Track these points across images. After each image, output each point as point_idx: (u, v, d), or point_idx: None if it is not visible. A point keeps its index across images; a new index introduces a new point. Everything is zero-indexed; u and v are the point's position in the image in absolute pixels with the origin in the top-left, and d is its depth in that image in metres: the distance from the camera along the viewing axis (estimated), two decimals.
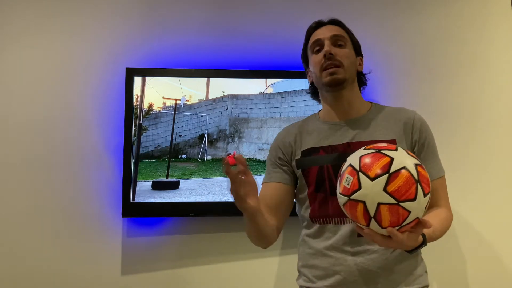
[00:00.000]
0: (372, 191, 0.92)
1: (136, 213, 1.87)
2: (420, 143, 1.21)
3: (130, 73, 1.90)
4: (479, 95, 1.99)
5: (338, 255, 1.18)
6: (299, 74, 1.92)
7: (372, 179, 0.92)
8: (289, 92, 1.94)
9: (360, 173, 0.94)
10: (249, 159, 1.92)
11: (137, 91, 1.91)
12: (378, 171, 0.92)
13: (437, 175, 1.21)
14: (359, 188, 0.93)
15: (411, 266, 1.19)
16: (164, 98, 1.93)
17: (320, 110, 1.36)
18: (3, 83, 1.97)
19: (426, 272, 1.24)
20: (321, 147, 1.25)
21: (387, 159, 0.94)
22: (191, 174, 1.91)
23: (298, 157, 1.28)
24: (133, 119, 1.88)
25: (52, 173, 1.92)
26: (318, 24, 1.29)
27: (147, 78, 1.91)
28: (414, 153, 1.20)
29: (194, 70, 1.93)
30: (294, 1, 2.06)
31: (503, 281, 1.86)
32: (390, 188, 0.91)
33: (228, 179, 1.05)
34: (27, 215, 1.89)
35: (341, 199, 0.99)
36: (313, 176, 1.23)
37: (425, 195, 0.94)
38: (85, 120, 1.96)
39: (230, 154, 1.05)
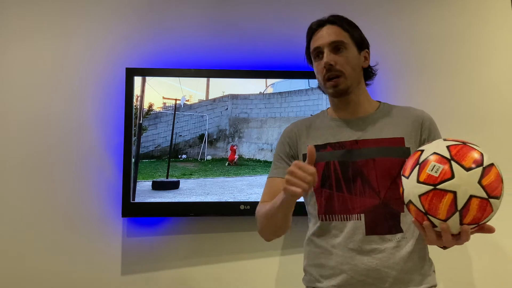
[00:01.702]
0: (467, 182, 0.87)
1: (136, 213, 1.87)
2: (430, 141, 1.22)
3: (130, 73, 1.90)
4: (479, 94, 1.99)
5: (346, 254, 1.17)
6: (299, 74, 1.92)
7: (468, 169, 0.87)
8: (289, 92, 1.94)
9: (453, 162, 0.88)
10: (249, 159, 1.92)
11: (137, 91, 1.91)
12: (473, 162, 0.88)
13: None
14: (452, 177, 0.87)
15: (418, 265, 1.18)
16: (164, 98, 1.93)
17: (328, 108, 1.37)
18: (3, 83, 1.97)
19: (434, 271, 1.24)
20: (328, 144, 1.25)
21: (478, 152, 0.91)
22: (191, 174, 1.91)
23: (305, 151, 1.27)
24: (133, 119, 1.88)
25: (52, 173, 1.92)
26: (318, 24, 1.27)
27: (147, 78, 1.92)
28: None
29: (194, 70, 1.93)
30: (294, 1, 2.06)
31: (509, 279, 1.86)
32: (485, 182, 0.87)
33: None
34: (27, 215, 1.89)
35: (420, 188, 0.91)
36: (319, 172, 1.22)
37: (502, 196, 0.91)
38: (85, 120, 1.96)
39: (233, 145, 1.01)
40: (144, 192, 1.87)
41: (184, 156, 1.93)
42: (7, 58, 1.98)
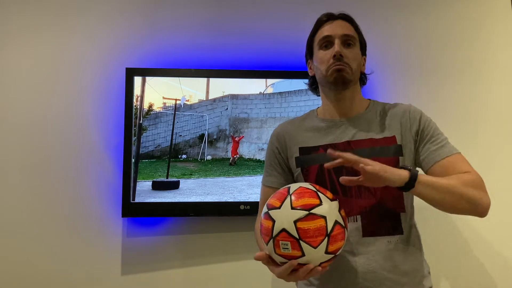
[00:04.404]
0: (316, 257, 0.96)
1: (136, 213, 1.87)
2: (421, 129, 1.21)
3: (130, 73, 1.90)
4: (478, 95, 1.99)
5: (341, 256, 1.16)
6: (299, 74, 1.92)
7: (316, 247, 0.94)
8: (289, 92, 1.94)
9: (301, 241, 0.94)
10: (249, 159, 1.92)
11: (137, 91, 1.91)
12: (319, 238, 0.94)
13: (449, 152, 1.16)
14: (302, 255, 0.95)
15: (414, 267, 1.17)
16: (164, 98, 1.93)
17: (318, 108, 1.35)
18: (3, 82, 1.97)
19: (429, 273, 1.23)
20: (321, 146, 1.24)
21: (321, 221, 0.95)
22: (191, 174, 1.91)
23: (297, 154, 1.27)
24: (133, 119, 1.88)
25: (52, 173, 1.92)
26: (329, 17, 1.27)
27: (147, 78, 1.91)
28: (417, 141, 1.19)
29: (194, 70, 1.93)
30: (294, 1, 2.06)
31: (508, 280, 1.87)
32: (331, 249, 0.97)
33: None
34: (27, 215, 1.89)
35: (277, 258, 0.99)
36: (313, 175, 1.22)
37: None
38: (85, 120, 1.96)
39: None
40: (144, 192, 1.87)
41: (184, 156, 1.93)
42: (6, 57, 1.98)
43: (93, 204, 1.91)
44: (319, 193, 0.99)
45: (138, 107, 1.91)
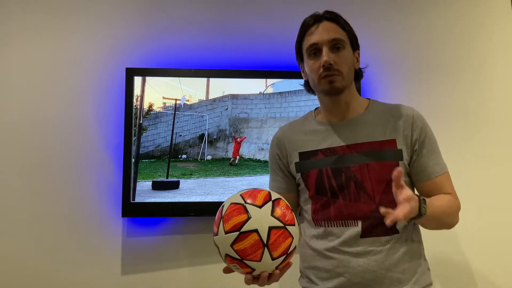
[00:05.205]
0: (266, 267, 0.98)
1: (136, 213, 1.87)
2: (421, 141, 1.20)
3: (130, 73, 1.90)
4: (478, 94, 1.99)
5: (341, 257, 1.16)
6: (299, 74, 1.91)
7: (259, 260, 0.97)
8: (289, 92, 1.94)
9: (244, 261, 0.97)
10: (249, 159, 1.92)
11: (137, 91, 1.91)
12: (258, 252, 0.96)
13: (441, 171, 1.21)
14: (253, 270, 0.98)
15: (415, 264, 1.18)
16: (164, 98, 1.93)
17: (316, 109, 1.34)
18: (3, 82, 1.97)
19: (428, 269, 1.23)
20: (319, 150, 1.23)
21: (254, 236, 0.96)
22: (191, 174, 1.91)
23: (297, 160, 1.26)
24: (133, 119, 1.88)
25: (52, 173, 1.92)
26: (314, 19, 1.24)
27: (147, 78, 1.92)
28: (415, 151, 1.19)
29: (194, 70, 1.93)
30: (294, 1, 2.06)
31: (507, 278, 1.87)
32: (276, 255, 0.97)
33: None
34: (27, 216, 1.89)
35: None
36: (313, 180, 1.22)
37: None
38: (85, 120, 1.96)
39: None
40: (144, 192, 1.87)
41: (184, 156, 1.93)
42: (6, 57, 1.98)
43: (93, 204, 1.91)
44: (247, 206, 0.99)
45: (138, 107, 1.91)
